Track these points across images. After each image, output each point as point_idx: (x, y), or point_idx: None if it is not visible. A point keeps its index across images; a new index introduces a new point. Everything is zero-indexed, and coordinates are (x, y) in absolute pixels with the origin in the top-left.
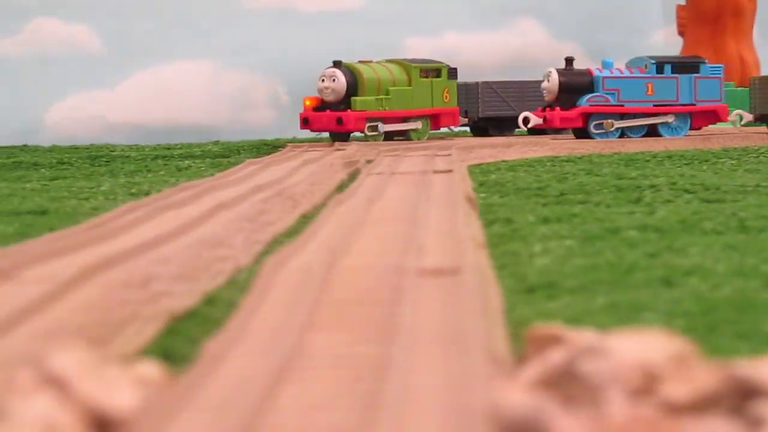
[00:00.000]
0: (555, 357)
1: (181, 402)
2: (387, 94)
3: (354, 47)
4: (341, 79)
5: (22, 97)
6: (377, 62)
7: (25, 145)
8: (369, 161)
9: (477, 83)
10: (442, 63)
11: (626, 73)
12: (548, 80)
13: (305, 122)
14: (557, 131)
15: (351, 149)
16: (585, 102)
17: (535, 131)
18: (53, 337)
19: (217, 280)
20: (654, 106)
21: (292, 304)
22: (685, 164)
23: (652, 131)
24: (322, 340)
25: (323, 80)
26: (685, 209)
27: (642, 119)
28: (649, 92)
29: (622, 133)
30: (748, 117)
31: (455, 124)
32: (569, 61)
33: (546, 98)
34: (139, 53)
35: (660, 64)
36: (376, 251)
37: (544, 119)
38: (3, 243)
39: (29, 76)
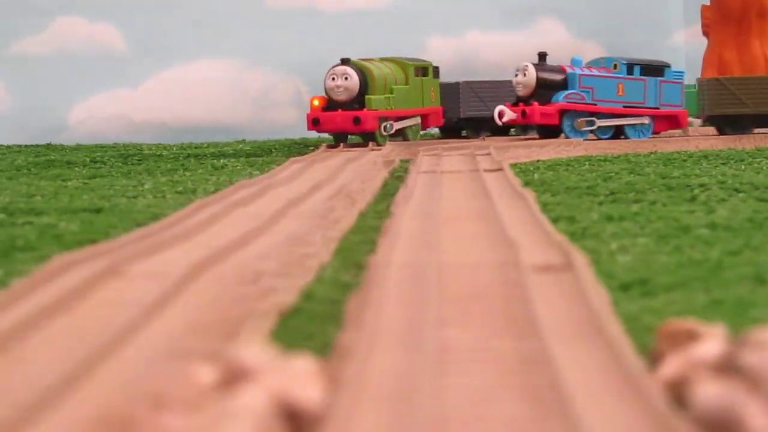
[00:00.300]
0: (703, 351)
1: (354, 396)
2: (391, 93)
3: (376, 47)
4: (354, 78)
5: (46, 95)
6: (379, 60)
7: (49, 144)
8: (404, 160)
9: (458, 83)
10: (429, 62)
11: (595, 72)
12: (524, 75)
13: (315, 123)
14: (524, 129)
15: (386, 149)
16: (563, 99)
17: (498, 130)
18: (191, 333)
19: (307, 277)
20: (624, 107)
21: (412, 300)
22: (722, 164)
23: (617, 133)
24: (458, 336)
25: (333, 78)
26: (744, 208)
27: (615, 119)
28: (620, 93)
29: (591, 132)
30: (697, 122)
31: (439, 124)
32: (543, 56)
33: (520, 93)
34: (162, 52)
35: (630, 65)
36: (471, 249)
37: (523, 114)
38: (76, 240)
39: (52, 75)
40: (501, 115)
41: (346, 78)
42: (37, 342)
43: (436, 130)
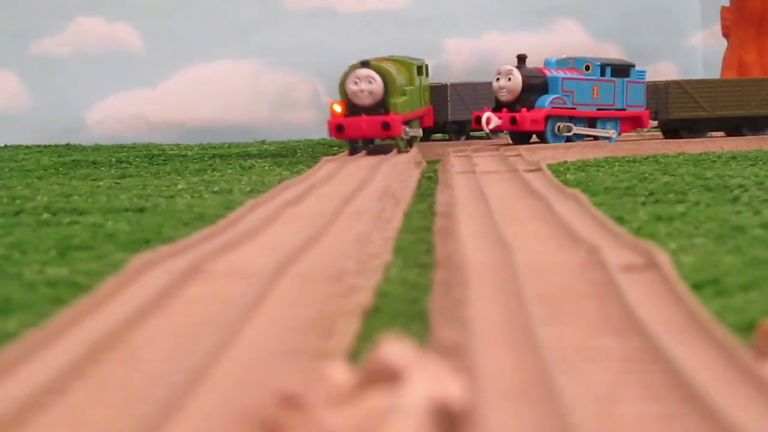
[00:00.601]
0: None
1: (489, 394)
2: (404, 95)
3: (393, 48)
4: (379, 81)
5: (64, 96)
6: (384, 59)
7: (68, 144)
8: (432, 161)
9: (446, 85)
10: (423, 59)
11: (576, 75)
12: (509, 79)
13: (339, 130)
14: (494, 134)
15: (414, 151)
16: (548, 104)
17: (465, 134)
18: (293, 331)
19: (377, 275)
20: (597, 109)
21: (502, 300)
22: (751, 165)
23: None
24: (560, 334)
25: (356, 82)
26: None
27: (587, 128)
28: (595, 95)
29: (568, 138)
30: (652, 123)
31: (431, 125)
32: (522, 59)
33: (504, 98)
34: (180, 52)
35: (603, 66)
36: (543, 248)
37: (513, 120)
38: (129, 240)
39: (71, 75)
40: (488, 121)
41: (370, 81)
42: (144, 341)
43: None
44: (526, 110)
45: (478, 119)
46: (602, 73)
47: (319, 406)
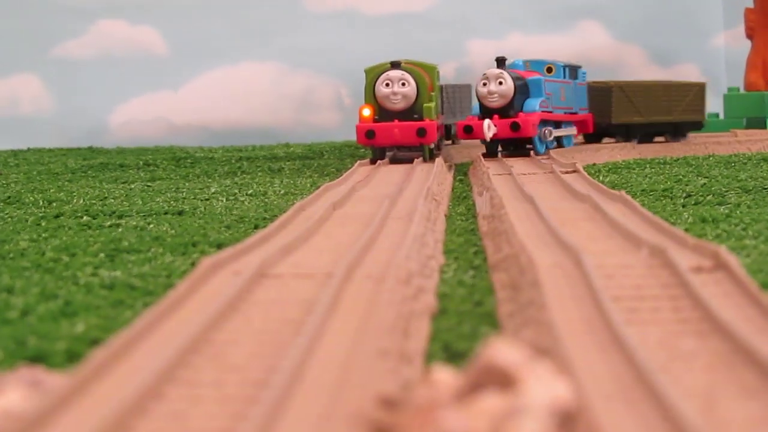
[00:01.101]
0: None
1: (594, 394)
2: (431, 100)
3: (416, 50)
4: (413, 84)
5: (87, 98)
6: (407, 63)
7: (91, 147)
8: (461, 164)
9: (442, 86)
10: (435, 64)
11: (554, 78)
12: (500, 83)
13: (370, 136)
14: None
15: (444, 153)
16: (539, 108)
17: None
18: (375, 332)
19: (434, 277)
20: (564, 113)
21: (577, 301)
22: None
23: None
24: (642, 335)
25: (388, 84)
26: None
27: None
28: (562, 98)
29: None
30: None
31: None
32: (502, 61)
33: (495, 104)
34: (203, 55)
35: (565, 68)
36: (604, 249)
37: (515, 126)
38: (176, 242)
39: (94, 77)
40: (490, 128)
41: (403, 84)
42: (229, 343)
43: None
44: (524, 115)
45: (468, 128)
46: (565, 75)
47: (438, 407)
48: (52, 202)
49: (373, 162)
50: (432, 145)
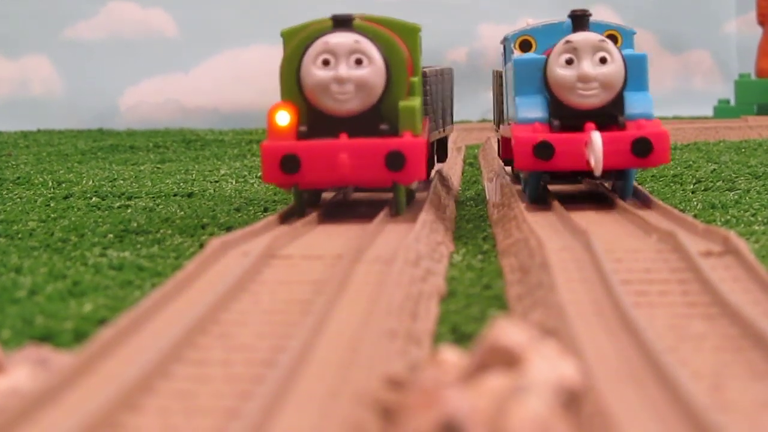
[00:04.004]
0: None
1: (600, 375)
2: (413, 93)
3: (426, 34)
4: (378, 60)
5: (97, 80)
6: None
7: (101, 129)
8: (472, 146)
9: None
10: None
11: None
12: (605, 60)
13: (290, 167)
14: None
15: (453, 135)
16: (652, 108)
17: None
18: (383, 313)
19: (443, 262)
20: None
21: (585, 284)
22: None
23: None
24: (650, 317)
25: (327, 62)
26: None
27: None
28: None
29: None
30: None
31: None
32: (585, 19)
33: (590, 102)
34: (214, 38)
35: (632, 38)
36: (613, 233)
37: (646, 147)
38: (185, 224)
39: (104, 59)
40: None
41: (359, 61)
42: (236, 323)
43: None
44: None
45: (545, 149)
46: (632, 47)
47: (443, 388)
48: (61, 183)
49: (297, 214)
50: (414, 185)
